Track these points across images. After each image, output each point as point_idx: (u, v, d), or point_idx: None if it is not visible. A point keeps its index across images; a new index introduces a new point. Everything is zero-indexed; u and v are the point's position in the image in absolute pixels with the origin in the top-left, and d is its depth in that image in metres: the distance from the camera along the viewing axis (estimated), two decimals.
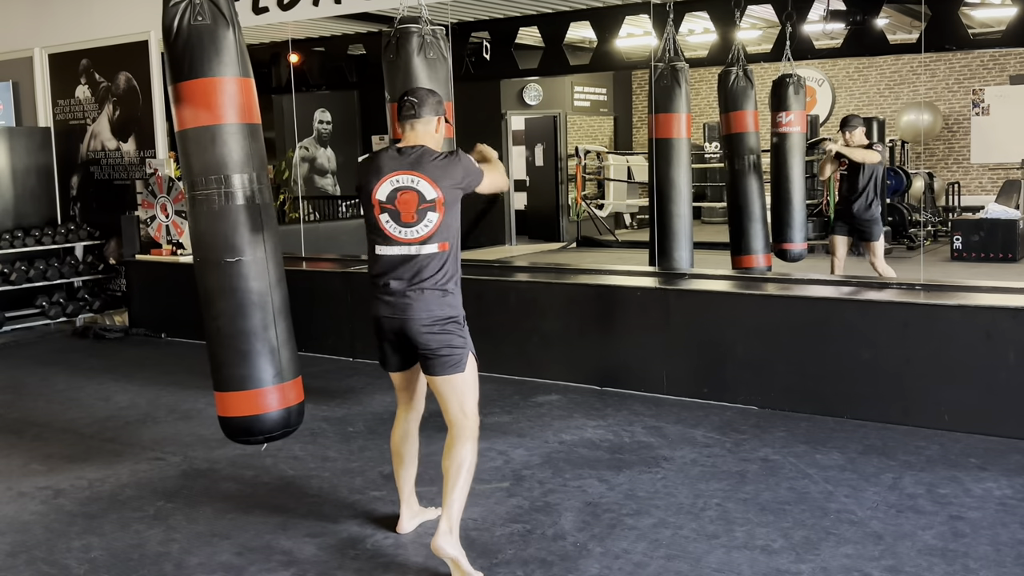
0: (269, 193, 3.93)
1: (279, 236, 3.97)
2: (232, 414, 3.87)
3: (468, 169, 3.38)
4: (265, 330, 3.82)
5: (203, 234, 3.84)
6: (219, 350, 3.86)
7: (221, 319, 3.82)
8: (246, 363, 3.81)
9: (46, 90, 9.07)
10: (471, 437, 3.34)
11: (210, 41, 3.70)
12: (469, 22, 9.30)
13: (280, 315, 3.88)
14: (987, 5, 9.75)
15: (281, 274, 3.91)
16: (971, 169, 14.05)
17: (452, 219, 3.34)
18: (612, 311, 5.82)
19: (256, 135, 3.86)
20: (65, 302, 8.51)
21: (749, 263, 7.47)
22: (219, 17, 3.72)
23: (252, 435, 3.90)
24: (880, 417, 4.91)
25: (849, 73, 14.92)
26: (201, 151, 3.76)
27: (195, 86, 3.72)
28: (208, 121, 3.73)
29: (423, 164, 3.30)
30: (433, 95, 3.46)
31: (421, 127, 3.39)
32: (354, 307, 6.84)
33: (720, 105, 7.64)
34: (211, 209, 3.77)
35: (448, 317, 3.32)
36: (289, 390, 3.89)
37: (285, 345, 3.88)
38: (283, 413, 3.88)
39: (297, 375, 3.94)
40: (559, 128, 14.37)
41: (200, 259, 3.87)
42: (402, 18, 4.67)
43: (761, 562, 3.34)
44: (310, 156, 13.72)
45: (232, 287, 3.79)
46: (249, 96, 3.82)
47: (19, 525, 3.88)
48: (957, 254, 10.27)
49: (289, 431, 3.96)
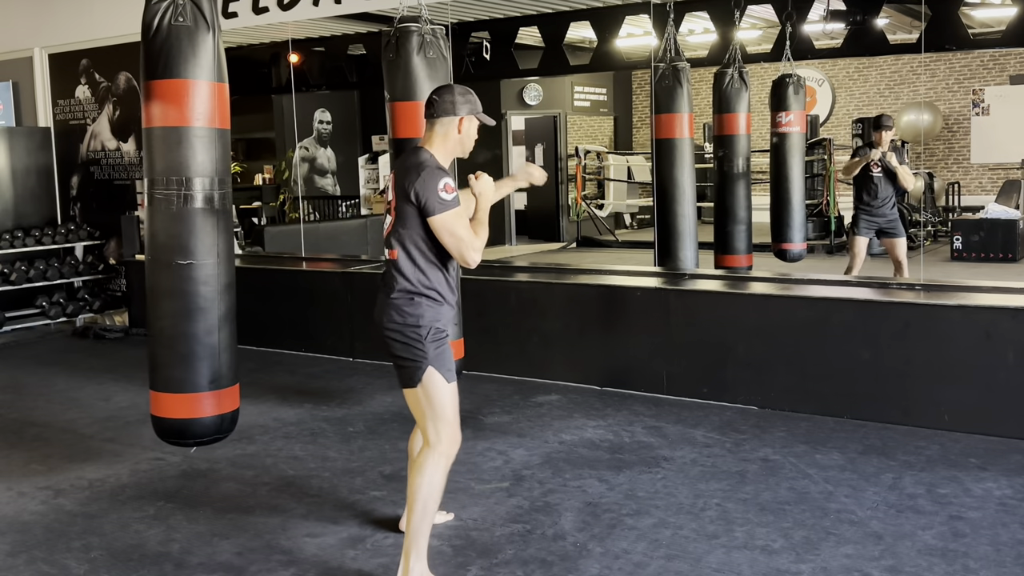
0: (230, 200, 3.96)
1: (232, 242, 4.01)
2: (166, 415, 3.93)
3: (427, 189, 3.04)
4: (208, 335, 3.86)
5: (157, 234, 3.88)
6: (160, 350, 3.91)
7: (165, 320, 3.88)
8: (185, 366, 3.85)
9: (46, 90, 9.07)
10: (428, 467, 3.12)
11: (188, 43, 3.72)
12: (469, 22, 9.29)
13: (225, 321, 3.92)
14: (987, 5, 9.75)
15: (231, 280, 3.96)
16: (971, 169, 14.04)
17: (403, 228, 3.11)
18: (612, 311, 5.82)
19: (223, 141, 3.89)
20: (65, 302, 8.51)
21: (732, 263, 7.50)
22: (200, 20, 3.74)
23: (183, 438, 3.97)
24: (880, 417, 4.91)
25: (849, 73, 14.91)
26: (165, 151, 3.80)
27: (167, 85, 3.74)
28: (176, 122, 3.75)
29: (402, 164, 3.16)
30: (463, 94, 3.22)
31: (439, 128, 3.20)
32: (354, 307, 6.84)
33: (713, 106, 7.67)
34: (168, 210, 3.80)
35: (408, 325, 3.11)
36: (225, 397, 3.93)
37: (226, 351, 3.92)
38: (216, 419, 3.93)
39: (235, 383, 3.98)
40: (559, 128, 14.37)
41: (151, 258, 3.91)
42: (402, 18, 4.67)
43: (761, 562, 3.34)
44: (310, 156, 13.71)
45: (180, 289, 3.83)
46: (221, 101, 3.84)
47: (19, 525, 3.88)
48: (957, 254, 10.27)
49: (220, 437, 4.03)
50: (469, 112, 3.22)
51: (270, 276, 7.49)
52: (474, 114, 3.23)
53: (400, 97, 4.64)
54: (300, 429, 5.12)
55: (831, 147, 11.62)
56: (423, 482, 3.12)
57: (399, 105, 4.65)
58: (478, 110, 3.24)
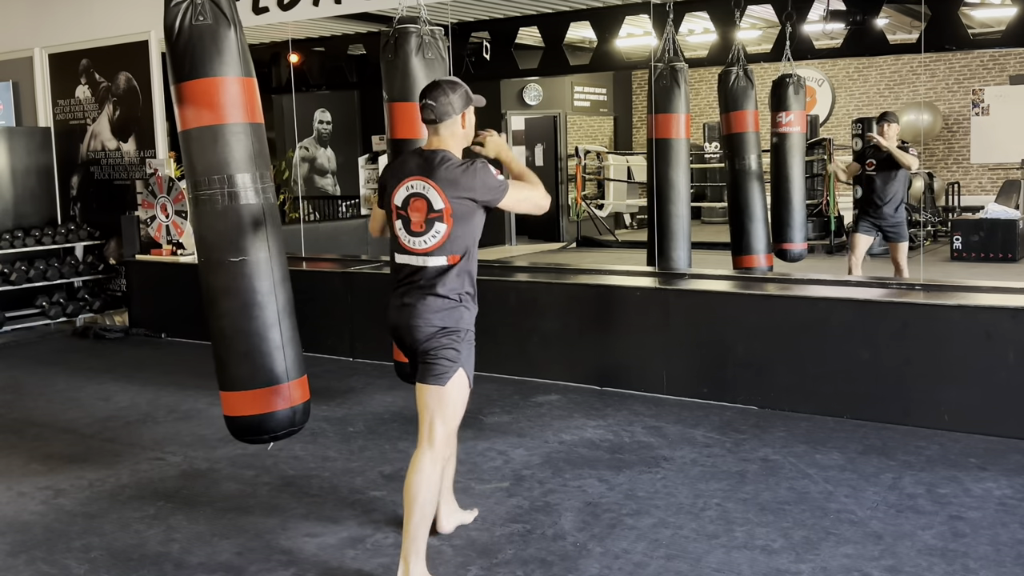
0: (273, 192, 3.92)
1: (283, 235, 3.96)
2: (238, 413, 3.88)
3: (486, 182, 3.15)
4: (269, 329, 3.82)
5: (207, 234, 3.83)
6: (223, 350, 3.85)
7: (225, 319, 3.82)
8: (250, 362, 3.81)
9: (46, 90, 9.07)
10: (425, 466, 3.14)
11: (212, 41, 3.70)
12: (469, 22, 9.30)
13: (284, 314, 3.87)
14: (987, 5, 9.75)
15: (285, 273, 3.91)
16: (971, 169, 14.05)
17: (463, 231, 3.16)
18: (612, 311, 5.82)
19: (259, 134, 3.86)
20: (65, 302, 8.51)
21: (750, 263, 7.47)
22: (220, 17, 3.72)
23: (258, 434, 3.90)
24: (880, 417, 4.91)
25: (849, 73, 14.92)
26: (204, 151, 3.76)
27: (197, 86, 3.72)
28: (210, 121, 3.73)
29: (436, 170, 3.14)
30: (455, 90, 3.23)
31: (445, 130, 3.22)
32: (354, 307, 6.85)
33: (720, 105, 7.64)
34: (214, 209, 3.76)
35: (448, 328, 3.17)
36: (294, 389, 3.88)
37: (289, 344, 3.87)
38: (288, 412, 3.88)
39: (302, 374, 3.93)
40: (559, 128, 14.37)
41: (204, 259, 3.86)
42: (400, 18, 4.67)
43: (761, 562, 3.34)
44: (310, 156, 13.72)
45: (236, 287, 3.79)
46: (251, 95, 3.82)
47: (19, 525, 3.88)
48: (957, 254, 10.27)
49: (295, 430, 3.95)
50: (465, 105, 3.26)
51: None
52: (469, 105, 3.28)
53: (398, 97, 4.64)
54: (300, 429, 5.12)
55: (831, 147, 11.62)
56: (423, 482, 3.12)
57: (397, 106, 4.65)
58: (471, 97, 3.30)
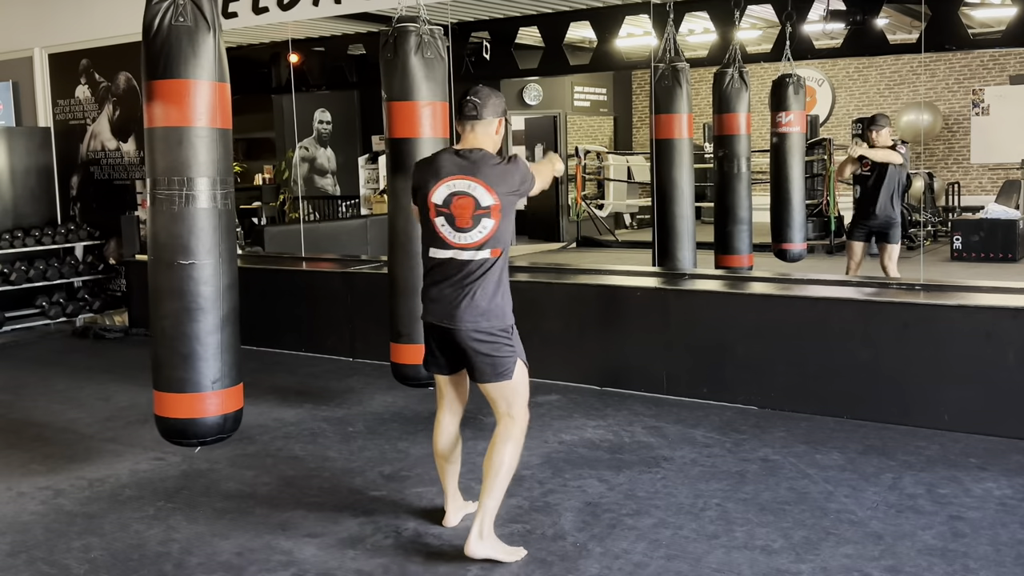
0: (232, 200, 3.96)
1: (235, 242, 4.02)
2: (169, 415, 3.94)
3: (525, 175, 3.35)
4: (210, 335, 3.86)
5: (159, 234, 3.89)
6: (162, 350, 3.92)
7: (167, 320, 3.88)
8: (187, 366, 3.85)
9: (46, 90, 9.07)
10: (514, 437, 3.37)
11: (188, 43, 3.73)
12: (469, 22, 9.29)
13: (227, 321, 3.92)
14: (987, 5, 9.75)
15: (234, 280, 3.96)
16: (971, 169, 14.04)
17: (507, 225, 3.33)
18: (612, 311, 5.82)
19: (225, 140, 3.89)
20: (65, 302, 8.51)
21: (732, 263, 7.50)
22: (200, 20, 3.75)
23: (186, 438, 3.98)
24: (880, 417, 4.90)
25: (849, 73, 14.92)
26: (167, 151, 3.80)
27: (168, 85, 3.74)
28: (177, 122, 3.76)
29: (481, 169, 3.28)
30: (497, 96, 3.40)
31: (481, 129, 3.36)
32: (354, 307, 6.84)
33: (713, 105, 7.67)
34: (171, 210, 3.81)
35: (496, 328, 3.32)
36: (227, 397, 3.93)
37: (228, 350, 3.92)
38: (219, 419, 3.94)
39: (238, 382, 3.97)
40: (559, 128, 14.37)
41: (154, 258, 3.92)
42: (400, 17, 4.67)
43: (761, 562, 3.34)
44: (310, 156, 13.71)
45: (182, 289, 3.83)
46: (223, 101, 3.85)
47: (19, 525, 3.88)
48: (957, 254, 10.26)
49: (223, 437, 4.03)
50: (503, 114, 3.42)
51: (270, 276, 7.48)
52: (505, 115, 3.45)
53: (397, 97, 4.65)
54: (300, 429, 5.12)
55: (831, 147, 11.62)
56: (511, 452, 3.35)
57: (396, 105, 4.66)
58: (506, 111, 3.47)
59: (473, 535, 3.33)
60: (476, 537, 3.32)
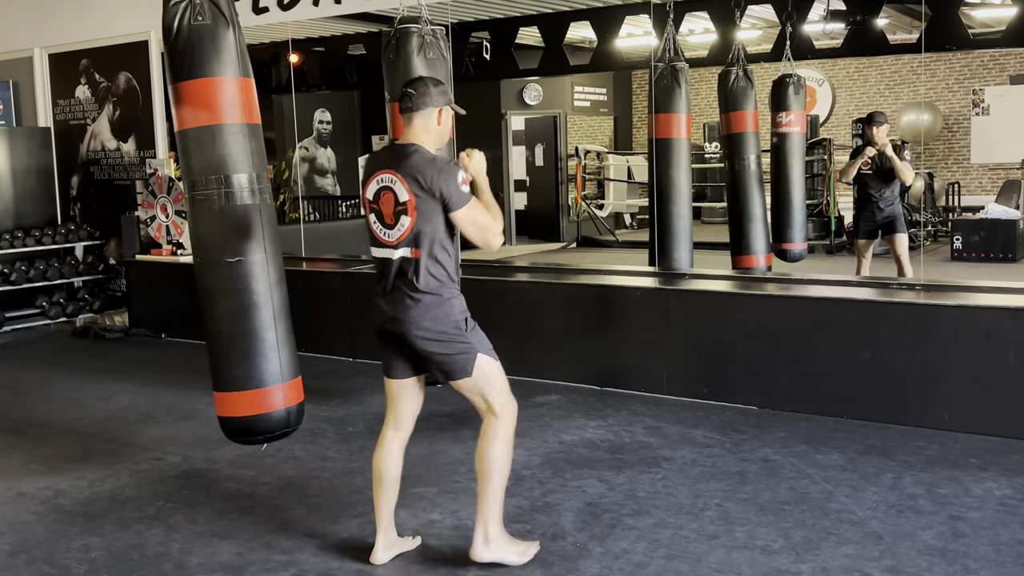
0: (270, 193, 3.93)
1: (279, 236, 3.97)
2: (233, 414, 3.88)
3: (449, 185, 3.11)
4: (266, 330, 3.82)
5: (203, 234, 3.84)
6: (220, 350, 3.86)
7: (222, 320, 3.83)
8: (247, 363, 3.81)
9: (46, 90, 9.07)
10: (501, 434, 3.25)
11: (210, 41, 3.71)
12: (469, 22, 9.30)
13: (280, 315, 3.88)
14: (987, 5, 9.76)
15: (281, 274, 3.92)
16: (971, 169, 14.05)
17: (426, 227, 3.14)
18: (612, 311, 5.82)
19: (256, 135, 3.86)
20: (65, 302, 8.51)
21: (750, 263, 7.47)
22: (219, 17, 3.73)
23: (253, 435, 3.92)
24: (880, 417, 4.90)
25: (849, 73, 14.92)
26: (201, 151, 3.76)
27: (195, 86, 3.72)
28: (208, 121, 3.73)
29: (402, 163, 3.15)
30: (436, 85, 3.26)
31: (419, 121, 3.22)
32: (354, 307, 6.84)
33: (720, 105, 7.65)
34: (211, 209, 3.77)
35: (443, 326, 3.18)
36: (289, 390, 3.89)
37: (285, 345, 3.88)
38: (283, 413, 3.89)
39: (297, 375, 3.94)
40: (559, 128, 14.37)
41: (200, 259, 3.87)
42: (402, 18, 4.67)
43: (761, 562, 3.34)
44: (310, 156, 13.72)
45: (233, 288, 3.79)
46: (249, 96, 3.82)
47: (19, 525, 3.88)
48: (957, 254, 10.27)
49: (289, 431, 3.97)
50: (446, 103, 3.26)
51: None
52: (449, 104, 3.27)
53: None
54: (300, 429, 5.09)
55: (831, 147, 11.62)
56: (500, 450, 3.24)
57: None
58: (452, 100, 3.30)
59: (478, 540, 3.26)
60: (481, 542, 3.26)
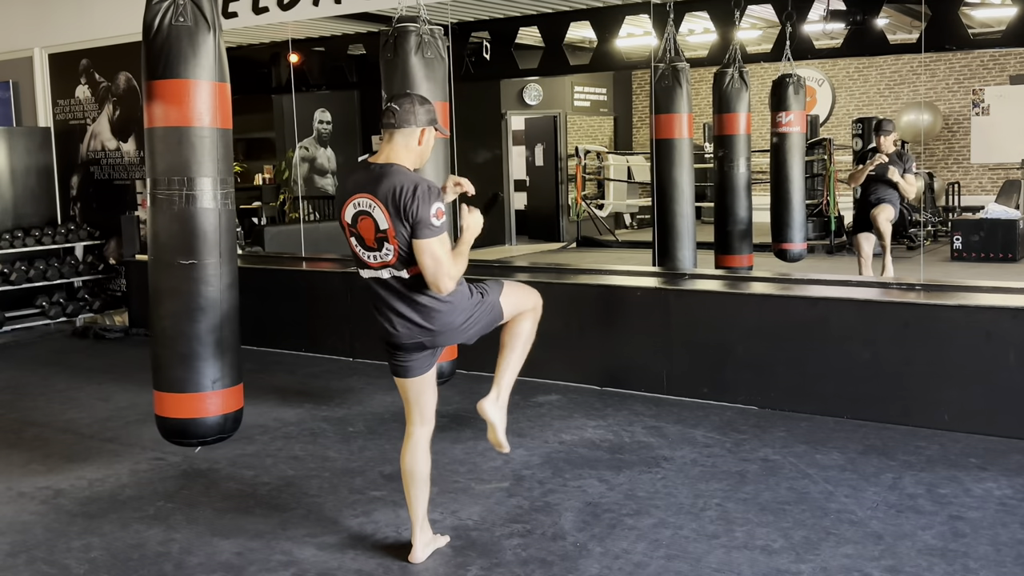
0: (232, 200, 3.96)
1: (235, 242, 4.02)
2: (169, 415, 3.95)
3: (422, 212, 2.98)
4: (210, 335, 3.87)
5: (160, 234, 3.89)
6: (162, 350, 3.93)
7: (167, 320, 3.89)
8: (185, 366, 3.86)
9: (46, 90, 9.07)
10: (530, 317, 3.52)
11: (188, 43, 3.74)
12: (469, 22, 9.29)
13: (227, 321, 3.92)
14: (987, 5, 9.74)
15: (234, 279, 3.96)
16: (971, 169, 14.04)
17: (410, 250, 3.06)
18: (612, 311, 5.82)
19: (226, 141, 3.90)
20: (65, 302, 8.51)
21: (732, 263, 7.51)
22: (200, 20, 3.75)
23: (186, 438, 4.00)
24: (880, 417, 4.90)
25: (849, 73, 14.91)
26: (167, 151, 3.81)
27: (168, 86, 3.75)
28: (177, 122, 3.76)
29: (380, 188, 3.02)
30: (423, 104, 3.14)
31: (400, 139, 3.10)
32: (354, 307, 6.84)
33: (713, 105, 7.68)
34: (171, 210, 3.82)
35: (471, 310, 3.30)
36: (228, 397, 3.93)
37: (229, 351, 3.92)
38: (219, 419, 3.95)
39: (238, 382, 3.97)
40: (559, 128, 14.36)
41: (155, 258, 3.92)
42: (400, 17, 4.67)
43: (761, 562, 3.34)
44: (310, 156, 13.71)
45: (182, 289, 3.83)
46: (223, 101, 3.85)
47: (19, 525, 3.88)
48: (957, 254, 10.26)
49: (224, 437, 4.04)
50: (428, 123, 3.15)
51: (270, 276, 7.48)
52: (433, 125, 3.16)
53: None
54: (300, 429, 5.12)
55: (831, 147, 11.62)
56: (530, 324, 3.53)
57: None
58: (436, 121, 3.19)
59: (490, 397, 3.49)
60: (492, 400, 3.49)
